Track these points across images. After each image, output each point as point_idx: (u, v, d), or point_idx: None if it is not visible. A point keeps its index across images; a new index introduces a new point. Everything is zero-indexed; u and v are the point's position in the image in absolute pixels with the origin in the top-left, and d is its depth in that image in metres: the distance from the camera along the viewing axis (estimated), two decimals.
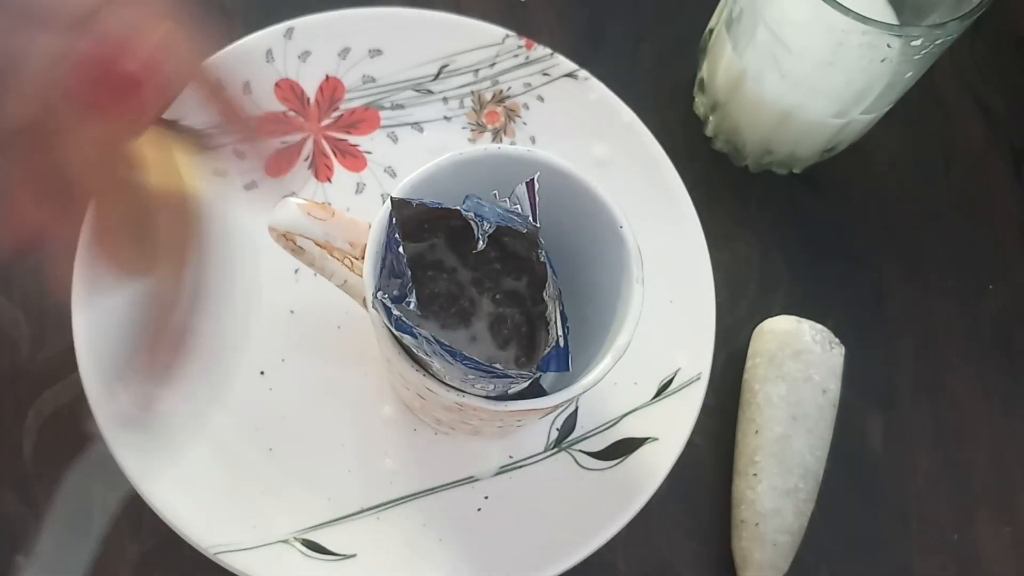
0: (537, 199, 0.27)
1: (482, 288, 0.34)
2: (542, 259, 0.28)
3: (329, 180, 0.40)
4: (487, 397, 0.28)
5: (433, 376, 0.28)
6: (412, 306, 0.26)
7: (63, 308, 0.35)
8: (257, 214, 0.33)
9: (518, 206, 0.27)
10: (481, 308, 0.34)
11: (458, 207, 0.27)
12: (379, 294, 0.26)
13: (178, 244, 0.26)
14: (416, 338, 0.26)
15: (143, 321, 0.22)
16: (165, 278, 0.25)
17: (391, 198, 0.27)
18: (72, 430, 0.37)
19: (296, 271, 0.38)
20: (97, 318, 0.35)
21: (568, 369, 0.28)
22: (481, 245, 0.27)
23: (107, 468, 0.27)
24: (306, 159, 0.40)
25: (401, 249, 0.27)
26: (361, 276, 0.29)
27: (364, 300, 0.28)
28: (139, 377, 0.22)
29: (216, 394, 0.36)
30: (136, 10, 0.23)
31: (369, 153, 0.41)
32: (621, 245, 0.30)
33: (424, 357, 0.27)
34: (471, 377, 0.27)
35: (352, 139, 0.41)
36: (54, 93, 0.21)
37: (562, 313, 0.28)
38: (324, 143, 0.41)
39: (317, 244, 0.32)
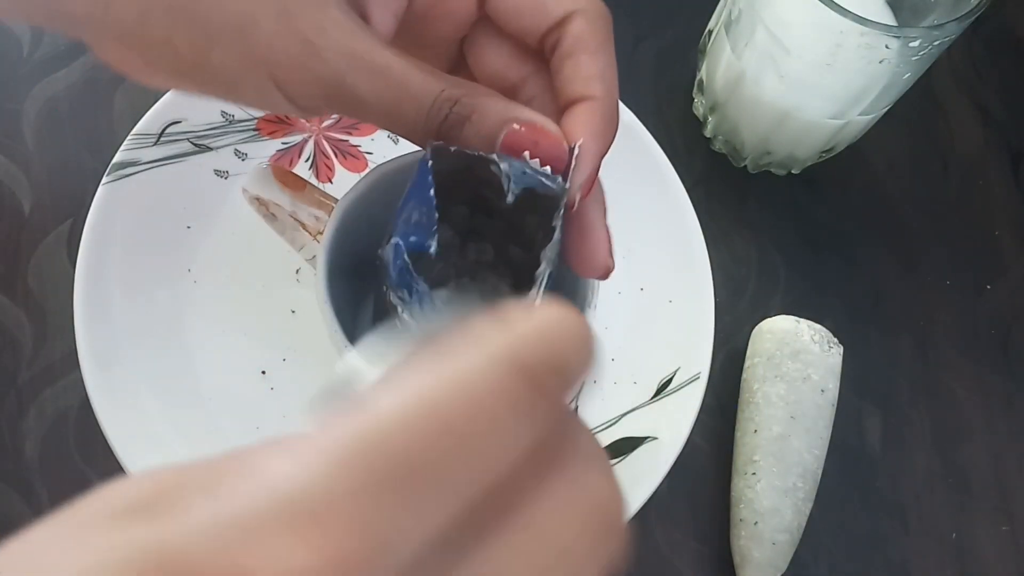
0: (574, 164, 0.27)
1: (484, 259, 0.33)
2: (554, 224, 0.27)
3: (330, 180, 0.40)
4: None
5: None
6: (432, 250, 0.26)
7: (65, 308, 0.35)
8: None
9: (548, 167, 0.27)
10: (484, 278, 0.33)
11: (493, 158, 0.26)
12: (396, 240, 0.25)
13: None
14: (411, 295, 0.25)
15: None
16: None
17: (430, 145, 0.26)
18: (73, 429, 0.37)
19: (297, 271, 0.38)
20: (99, 318, 0.35)
21: None
22: (510, 199, 0.26)
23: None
24: (307, 160, 0.40)
25: (432, 192, 0.25)
26: None
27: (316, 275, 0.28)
28: None
29: (217, 394, 0.36)
30: None
31: (370, 154, 0.41)
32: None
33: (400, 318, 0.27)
34: None
35: (353, 140, 0.41)
36: None
37: (550, 275, 0.27)
38: (325, 144, 0.41)
39: (290, 215, 0.32)
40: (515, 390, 0.14)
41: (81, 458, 0.36)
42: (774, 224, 0.44)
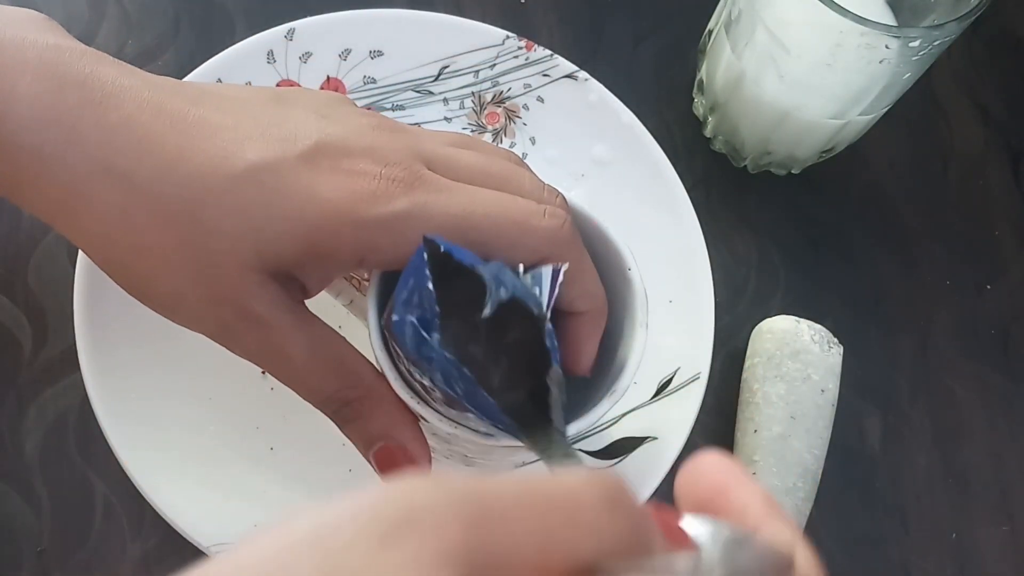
0: (557, 291, 0.27)
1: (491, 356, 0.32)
2: (547, 346, 0.27)
3: None
4: (479, 432, 0.28)
5: (428, 405, 0.28)
6: (435, 340, 0.25)
7: (65, 308, 0.35)
8: None
9: (537, 288, 0.27)
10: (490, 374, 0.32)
11: (479, 269, 0.26)
12: (409, 317, 0.25)
13: None
14: (433, 361, 0.25)
15: None
16: None
17: (424, 238, 0.26)
18: (73, 429, 0.37)
19: None
20: (99, 318, 0.35)
21: None
22: (488, 312, 0.26)
23: None
24: None
25: (430, 285, 0.25)
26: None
27: (368, 322, 0.28)
28: None
29: (217, 394, 0.36)
30: None
31: None
32: (628, 288, 0.30)
33: (423, 385, 0.27)
34: (471, 417, 0.26)
35: None
36: None
37: (564, 404, 0.27)
38: None
39: None
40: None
41: (81, 458, 0.36)
42: (774, 224, 0.44)
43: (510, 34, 0.41)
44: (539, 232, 0.28)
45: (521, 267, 0.27)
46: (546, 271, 0.27)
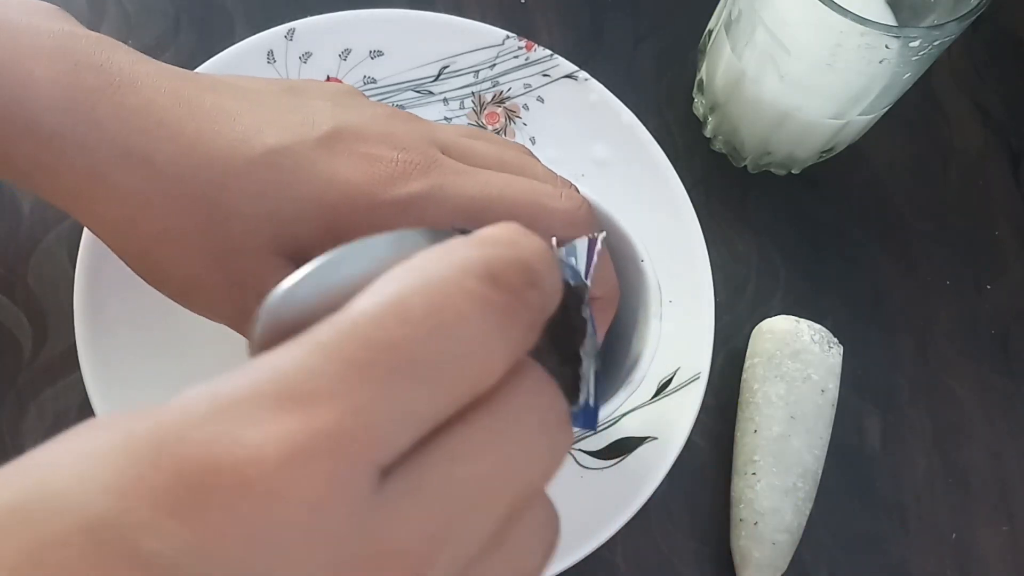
0: (595, 260, 0.27)
1: None
2: (584, 315, 0.27)
3: None
4: None
5: None
6: None
7: (65, 308, 0.35)
8: None
9: (573, 258, 0.27)
10: None
11: None
12: None
13: None
14: None
15: None
16: None
17: (457, 232, 0.26)
18: None
19: None
20: (99, 318, 0.35)
21: (595, 429, 0.27)
22: None
23: None
24: None
25: None
26: None
27: None
28: None
29: None
30: None
31: None
32: (641, 279, 0.30)
33: None
34: None
35: None
36: None
37: (597, 373, 0.27)
38: None
39: None
40: (487, 294, 0.14)
41: None
42: (774, 224, 0.44)
43: (510, 34, 0.41)
44: (556, 214, 0.28)
45: (554, 241, 0.27)
46: (581, 242, 0.27)
